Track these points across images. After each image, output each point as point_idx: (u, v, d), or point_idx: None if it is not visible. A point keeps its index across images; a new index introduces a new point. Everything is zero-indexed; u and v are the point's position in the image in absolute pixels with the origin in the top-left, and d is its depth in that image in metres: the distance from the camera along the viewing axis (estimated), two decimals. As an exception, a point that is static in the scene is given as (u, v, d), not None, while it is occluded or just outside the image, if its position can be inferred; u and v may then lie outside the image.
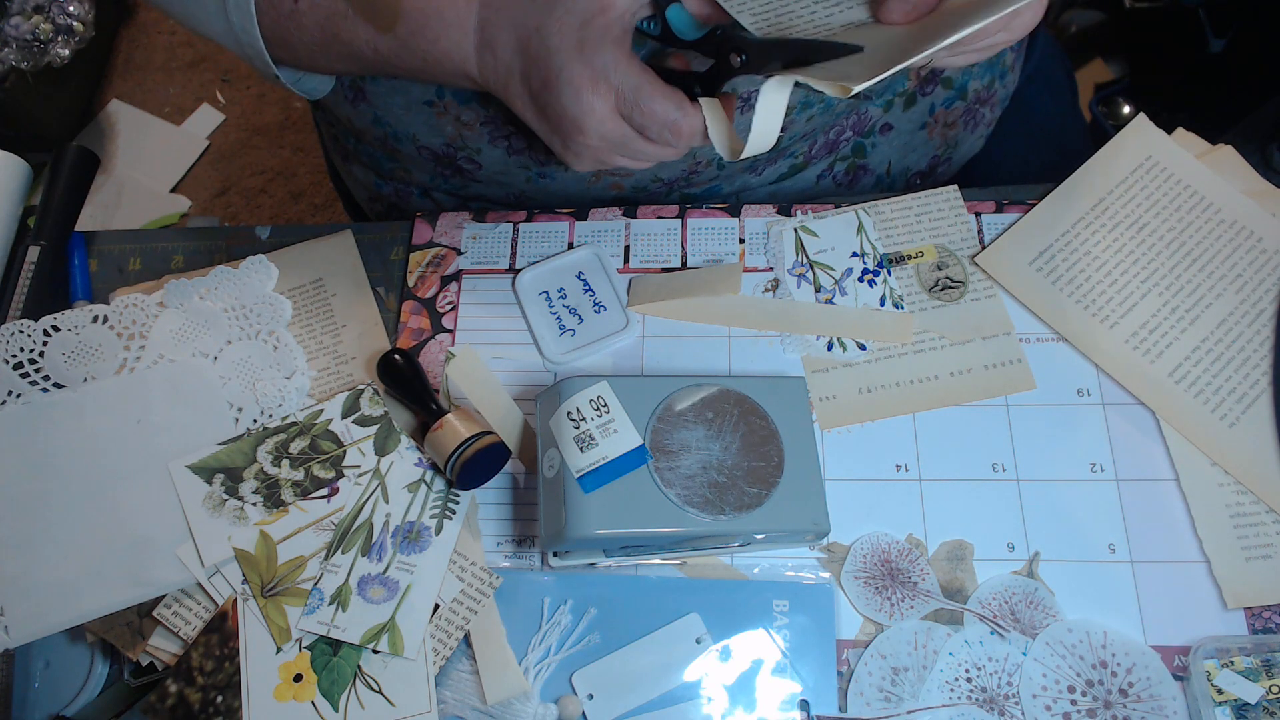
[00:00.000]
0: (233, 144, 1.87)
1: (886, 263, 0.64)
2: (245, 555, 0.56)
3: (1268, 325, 0.59)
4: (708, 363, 0.62)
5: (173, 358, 0.63)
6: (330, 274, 0.67)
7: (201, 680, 0.54)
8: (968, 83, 0.76)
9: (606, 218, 0.68)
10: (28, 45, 1.64)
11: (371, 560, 0.56)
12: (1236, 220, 0.62)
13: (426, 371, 0.62)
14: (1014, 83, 0.82)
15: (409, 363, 0.61)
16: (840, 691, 0.53)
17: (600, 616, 0.55)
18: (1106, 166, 0.65)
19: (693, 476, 0.51)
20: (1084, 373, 0.60)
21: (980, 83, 0.77)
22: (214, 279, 0.65)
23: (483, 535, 0.58)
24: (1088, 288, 0.62)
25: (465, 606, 0.56)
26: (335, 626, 0.54)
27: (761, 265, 0.65)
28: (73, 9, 1.69)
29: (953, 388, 0.60)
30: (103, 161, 1.49)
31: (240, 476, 0.59)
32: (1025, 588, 0.54)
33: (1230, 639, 0.52)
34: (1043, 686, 0.51)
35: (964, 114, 0.78)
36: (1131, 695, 0.51)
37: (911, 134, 0.76)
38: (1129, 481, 0.57)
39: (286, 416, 0.61)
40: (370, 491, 0.58)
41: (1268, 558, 0.54)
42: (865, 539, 0.56)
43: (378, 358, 0.61)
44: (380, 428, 0.60)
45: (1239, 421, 0.57)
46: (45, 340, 0.63)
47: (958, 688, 0.52)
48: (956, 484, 0.57)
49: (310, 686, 0.54)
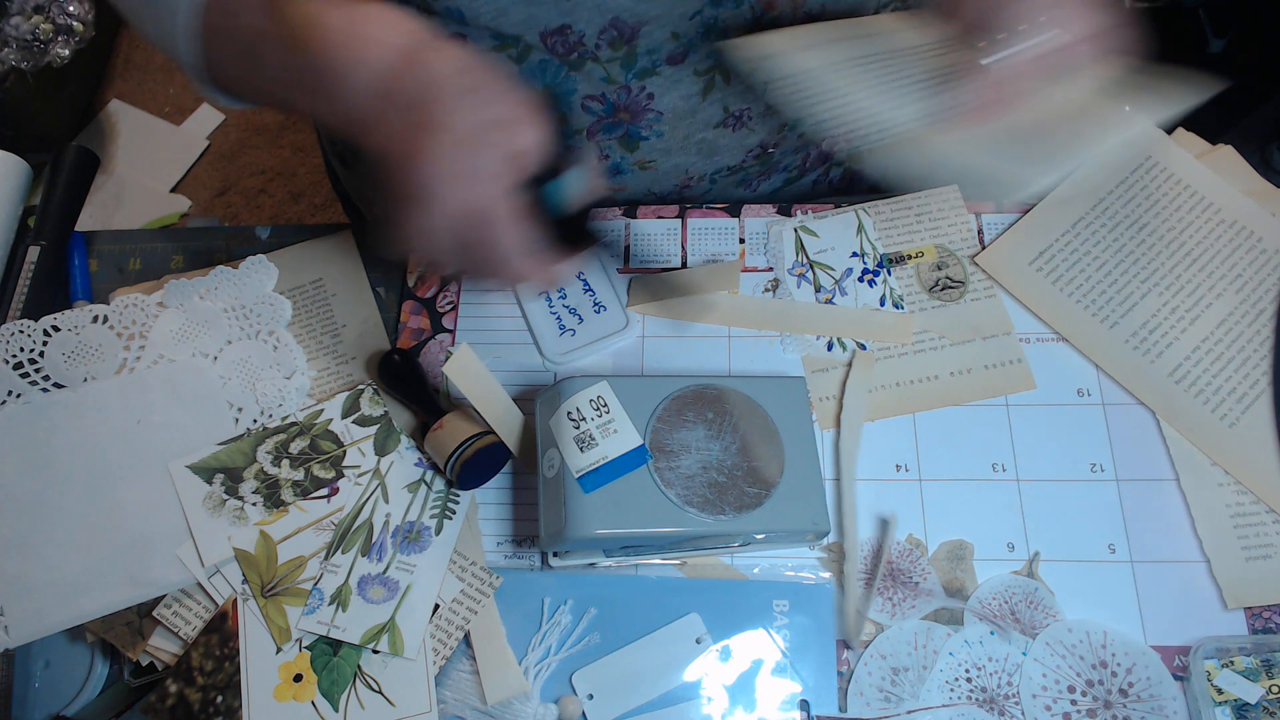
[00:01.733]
0: (233, 144, 1.87)
1: (886, 263, 0.64)
2: (245, 555, 0.56)
3: (1268, 325, 0.59)
4: (708, 363, 0.62)
5: (173, 358, 0.63)
6: (330, 274, 0.67)
7: (202, 680, 0.54)
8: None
9: (606, 218, 0.68)
10: (28, 45, 1.64)
11: (371, 560, 0.56)
12: (1236, 220, 0.62)
13: (426, 372, 0.62)
14: None
15: (409, 363, 0.61)
16: (840, 691, 0.53)
17: (600, 616, 0.55)
18: (1106, 166, 0.65)
19: (693, 476, 0.51)
20: (1084, 373, 0.60)
21: None
22: (214, 279, 0.65)
23: (483, 535, 0.58)
24: (1088, 288, 0.62)
25: (465, 607, 0.56)
26: (335, 626, 0.54)
27: (761, 265, 0.65)
28: (73, 9, 1.69)
29: (953, 388, 0.60)
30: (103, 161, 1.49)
31: (240, 476, 0.59)
32: (1025, 588, 0.54)
33: (1230, 639, 0.52)
34: (1043, 686, 0.51)
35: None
36: (1131, 695, 0.51)
37: None
38: (1129, 481, 0.57)
39: (286, 417, 0.61)
40: (370, 491, 0.58)
41: (1268, 558, 0.54)
42: (866, 541, 0.56)
43: (377, 358, 0.61)
44: (380, 428, 0.60)
45: (1239, 421, 0.57)
46: (45, 340, 0.62)
47: (958, 688, 0.52)
48: (956, 484, 0.57)
49: (310, 686, 0.54)
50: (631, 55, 0.59)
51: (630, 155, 0.66)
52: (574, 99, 0.62)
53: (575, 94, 0.61)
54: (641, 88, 0.61)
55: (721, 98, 0.63)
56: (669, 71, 0.61)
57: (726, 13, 0.58)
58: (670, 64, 0.60)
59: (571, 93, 0.61)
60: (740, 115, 0.65)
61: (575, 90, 0.61)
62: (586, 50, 0.58)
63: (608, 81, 0.60)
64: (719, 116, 0.65)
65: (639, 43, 0.58)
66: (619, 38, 0.58)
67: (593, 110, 0.63)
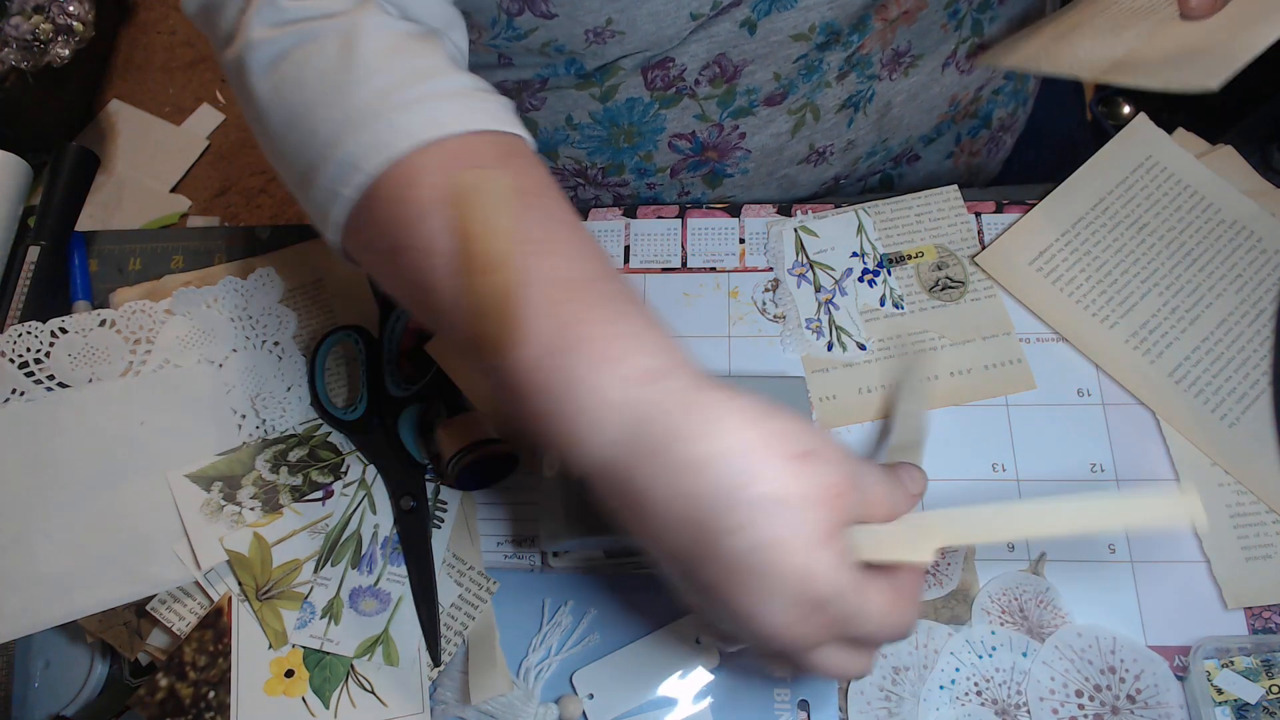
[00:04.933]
0: (233, 144, 1.87)
1: (886, 263, 0.64)
2: (239, 558, 0.56)
3: (1268, 325, 0.59)
4: (708, 362, 0.62)
5: (178, 363, 0.63)
6: (330, 274, 0.67)
7: (194, 675, 0.54)
8: (993, 111, 0.76)
9: (606, 218, 0.67)
10: (28, 45, 1.64)
11: (362, 572, 0.56)
12: (1237, 220, 0.62)
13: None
14: (1031, 108, 0.82)
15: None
16: (840, 691, 0.53)
17: (600, 616, 0.55)
18: (1106, 166, 0.65)
19: (693, 477, 0.51)
20: (1084, 373, 0.60)
21: (1005, 110, 0.77)
22: (222, 289, 0.65)
23: (482, 535, 0.58)
24: (1088, 287, 0.61)
25: (464, 611, 0.56)
26: (328, 640, 0.54)
27: (761, 265, 0.65)
28: (73, 9, 1.69)
29: (953, 388, 0.60)
30: (103, 161, 1.49)
31: (239, 484, 0.58)
32: (1036, 586, 0.54)
33: (1230, 639, 0.52)
34: (1050, 690, 0.51)
35: (988, 141, 0.78)
36: (1139, 702, 0.51)
37: (938, 163, 0.76)
38: (1129, 481, 0.57)
39: (286, 430, 0.61)
40: (357, 503, 0.58)
41: (1268, 558, 0.54)
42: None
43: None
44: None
45: (1239, 421, 0.57)
46: (52, 341, 0.63)
47: (969, 702, 0.52)
48: (956, 484, 0.57)
49: (301, 683, 0.54)
50: (730, 94, 0.58)
51: (711, 191, 0.66)
52: (661, 137, 0.61)
53: (664, 132, 0.61)
54: (735, 126, 0.61)
55: (809, 135, 0.63)
56: (764, 112, 0.60)
57: (832, 56, 0.58)
58: (767, 105, 0.59)
59: (660, 130, 0.61)
60: (824, 151, 0.65)
61: (664, 128, 0.60)
62: (685, 86, 0.57)
63: (701, 119, 0.60)
64: (804, 154, 0.65)
65: (739, 82, 0.58)
66: (720, 75, 0.57)
67: (680, 149, 0.62)
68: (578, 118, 0.59)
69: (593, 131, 0.60)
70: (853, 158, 0.67)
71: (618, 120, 0.59)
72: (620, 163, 0.63)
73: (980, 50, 0.67)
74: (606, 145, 0.62)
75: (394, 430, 0.59)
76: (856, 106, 0.63)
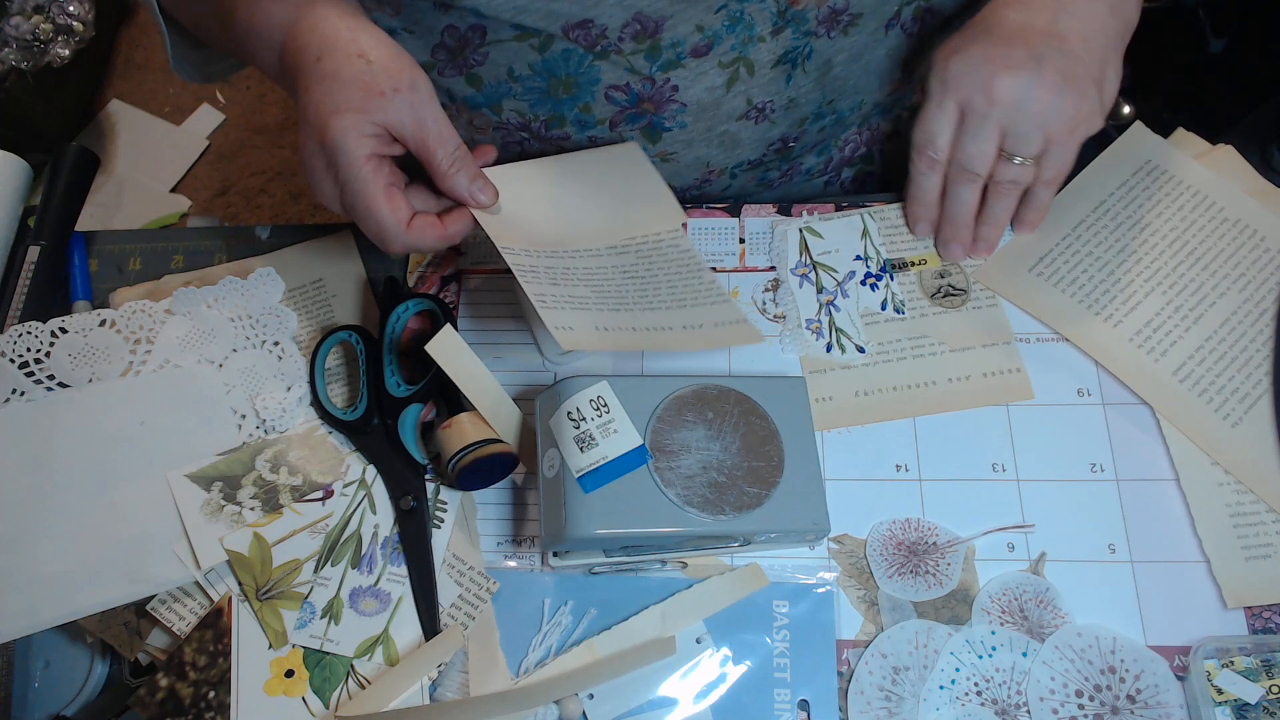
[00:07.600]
0: (233, 144, 1.87)
1: (890, 268, 0.64)
2: (239, 558, 0.56)
3: (1270, 325, 0.59)
4: (708, 363, 0.62)
5: (179, 363, 0.63)
6: (330, 274, 0.67)
7: (194, 675, 0.54)
8: None
9: (607, 218, 0.67)
10: (28, 45, 1.64)
11: (362, 572, 0.56)
12: (1239, 219, 0.62)
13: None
14: None
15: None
16: (840, 691, 0.53)
17: (600, 617, 0.55)
18: (1105, 171, 0.65)
19: (693, 476, 0.51)
20: (1084, 373, 0.60)
21: None
22: (222, 289, 0.65)
23: (482, 535, 0.58)
24: (1090, 287, 0.61)
25: (464, 611, 0.56)
26: (328, 640, 0.54)
27: (763, 265, 0.65)
28: (73, 9, 1.69)
29: (950, 394, 0.60)
30: (103, 161, 1.49)
31: (239, 484, 0.58)
32: (1036, 586, 0.54)
33: (1230, 639, 0.52)
34: (1050, 690, 0.51)
35: None
36: (1139, 702, 0.51)
37: None
38: (1129, 481, 0.57)
39: (286, 430, 0.61)
40: (357, 503, 0.58)
41: (1268, 557, 0.54)
42: (874, 538, 0.56)
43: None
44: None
45: (1241, 421, 0.57)
46: (53, 341, 0.63)
47: (961, 684, 0.52)
48: (956, 484, 0.57)
49: (301, 683, 0.54)
50: (655, 48, 0.59)
51: (653, 146, 0.66)
52: (597, 89, 0.62)
53: (599, 84, 0.61)
54: (666, 79, 0.61)
55: (745, 90, 0.63)
56: (694, 64, 0.61)
57: (752, 6, 0.58)
58: (695, 56, 0.60)
59: (595, 82, 0.61)
60: (763, 108, 0.65)
61: (599, 80, 0.61)
62: (609, 44, 0.58)
63: (632, 73, 0.60)
64: (742, 109, 0.65)
65: (663, 36, 0.58)
66: (642, 31, 0.58)
67: (616, 100, 0.63)
68: (518, 69, 0.61)
69: (533, 83, 0.62)
70: (797, 117, 0.67)
71: (555, 71, 0.61)
72: (561, 114, 0.64)
73: (927, 14, 0.66)
74: (546, 97, 0.63)
75: (394, 430, 0.59)
76: (794, 63, 0.63)
